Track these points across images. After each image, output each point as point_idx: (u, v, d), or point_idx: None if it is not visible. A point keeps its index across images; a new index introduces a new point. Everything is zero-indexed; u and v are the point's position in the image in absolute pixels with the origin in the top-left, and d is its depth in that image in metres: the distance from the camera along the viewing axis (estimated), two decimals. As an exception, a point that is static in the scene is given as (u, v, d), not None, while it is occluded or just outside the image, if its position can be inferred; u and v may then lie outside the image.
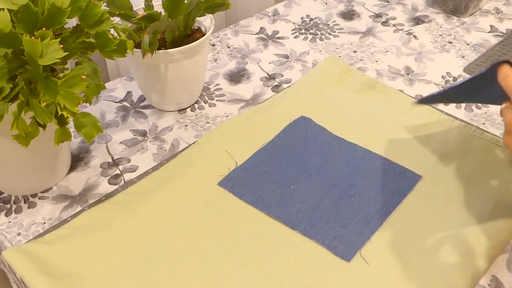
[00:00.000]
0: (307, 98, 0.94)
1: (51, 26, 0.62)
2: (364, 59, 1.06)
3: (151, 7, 0.86)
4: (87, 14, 0.65)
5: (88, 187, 0.80)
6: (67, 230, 0.72)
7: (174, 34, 0.83)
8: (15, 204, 0.78)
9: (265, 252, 0.69)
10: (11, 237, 0.73)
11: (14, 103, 0.62)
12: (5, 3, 0.59)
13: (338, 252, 0.68)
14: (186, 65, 0.86)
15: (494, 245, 0.69)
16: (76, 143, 0.88)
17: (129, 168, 0.83)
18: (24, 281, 0.66)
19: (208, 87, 0.99)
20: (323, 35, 1.14)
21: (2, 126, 0.62)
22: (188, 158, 0.83)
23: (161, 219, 0.74)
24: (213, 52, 1.09)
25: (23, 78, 0.62)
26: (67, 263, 0.68)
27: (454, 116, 0.90)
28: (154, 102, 0.94)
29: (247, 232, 0.72)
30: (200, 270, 0.67)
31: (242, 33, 1.15)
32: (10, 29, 0.58)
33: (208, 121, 0.92)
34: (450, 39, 1.12)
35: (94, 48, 0.67)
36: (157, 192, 0.77)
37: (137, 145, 0.87)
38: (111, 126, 0.91)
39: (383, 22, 1.18)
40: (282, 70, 1.03)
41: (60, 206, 0.77)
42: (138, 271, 0.67)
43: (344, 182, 0.77)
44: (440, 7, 1.21)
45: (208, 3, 0.85)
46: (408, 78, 1.01)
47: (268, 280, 0.66)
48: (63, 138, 0.67)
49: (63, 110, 0.62)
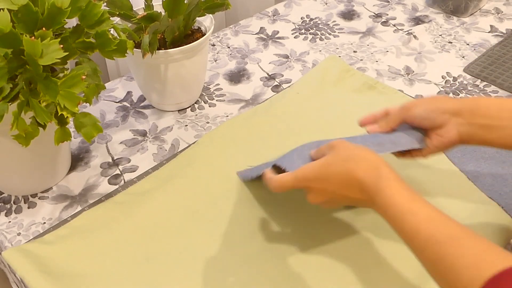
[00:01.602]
0: (307, 98, 0.94)
1: (51, 26, 0.62)
2: (364, 59, 1.06)
3: (151, 7, 0.86)
4: (87, 14, 0.65)
5: (88, 187, 0.80)
6: (67, 230, 0.72)
7: (174, 34, 0.83)
8: (15, 204, 0.78)
9: (265, 252, 0.69)
10: (11, 237, 0.73)
11: (14, 103, 0.62)
12: (5, 3, 0.59)
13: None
14: (186, 65, 0.86)
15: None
16: (76, 143, 0.88)
17: (129, 168, 0.83)
18: (24, 281, 0.66)
19: (208, 87, 0.99)
20: (323, 35, 1.14)
21: (2, 126, 0.62)
22: (188, 158, 0.83)
23: (161, 219, 0.74)
24: (213, 52, 1.09)
25: (23, 78, 0.62)
26: (67, 263, 0.68)
27: (454, 116, 0.90)
28: (154, 102, 0.94)
29: (247, 232, 0.72)
30: (200, 269, 0.67)
31: (242, 33, 1.15)
32: (10, 29, 0.58)
33: (208, 121, 0.92)
34: (450, 39, 1.12)
35: (94, 48, 0.67)
36: (157, 192, 0.77)
37: (137, 145, 0.87)
38: (111, 126, 0.91)
39: (383, 22, 1.18)
40: (282, 70, 1.03)
41: (60, 206, 0.77)
42: (138, 271, 0.67)
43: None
44: (440, 7, 1.21)
45: (208, 3, 0.85)
46: (408, 78, 1.01)
47: (268, 279, 0.66)
48: (63, 138, 0.67)
49: (63, 110, 0.62)
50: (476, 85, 0.98)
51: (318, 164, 0.59)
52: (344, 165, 0.57)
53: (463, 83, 0.99)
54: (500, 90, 0.97)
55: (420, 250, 0.52)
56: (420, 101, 0.66)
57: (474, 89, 0.97)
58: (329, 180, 0.58)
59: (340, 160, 0.58)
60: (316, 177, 0.58)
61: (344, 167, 0.57)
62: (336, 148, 0.60)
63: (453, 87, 0.98)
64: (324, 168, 0.58)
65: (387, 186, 0.54)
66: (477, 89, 0.97)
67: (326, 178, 0.58)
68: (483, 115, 0.61)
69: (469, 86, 0.98)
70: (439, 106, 0.64)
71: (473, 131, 0.62)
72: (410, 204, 0.53)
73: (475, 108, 0.62)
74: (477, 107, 0.62)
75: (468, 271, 0.47)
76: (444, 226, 0.51)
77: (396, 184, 0.55)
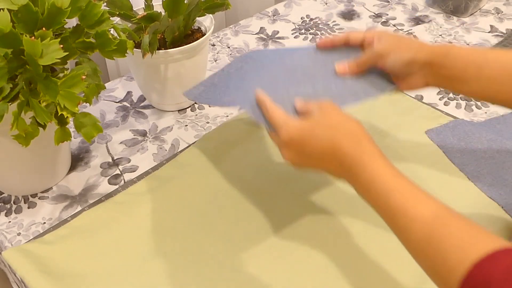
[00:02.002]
0: (307, 98, 0.94)
1: (51, 26, 0.62)
2: (364, 59, 1.06)
3: (151, 7, 0.86)
4: (87, 14, 0.65)
5: (88, 187, 0.80)
6: (67, 230, 0.72)
7: (174, 34, 0.83)
8: (15, 204, 0.78)
9: (265, 251, 0.69)
10: (11, 237, 0.73)
11: (14, 103, 0.62)
12: (5, 3, 0.59)
13: None
14: (186, 65, 0.86)
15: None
16: (76, 143, 0.88)
17: (129, 168, 0.83)
18: (24, 281, 0.66)
19: (208, 87, 0.99)
20: (323, 35, 1.14)
21: (2, 126, 0.62)
22: (188, 158, 0.83)
23: (161, 219, 0.74)
24: (213, 52, 1.09)
25: (23, 78, 0.62)
26: (67, 263, 0.68)
27: (454, 116, 0.90)
28: (154, 102, 0.94)
29: (247, 232, 0.72)
30: (200, 269, 0.67)
31: (242, 33, 1.15)
32: (10, 29, 0.58)
33: (208, 121, 0.92)
34: (450, 39, 1.12)
35: (94, 48, 0.67)
36: (157, 192, 0.77)
37: (137, 145, 0.87)
38: (111, 126, 0.91)
39: (383, 22, 1.18)
40: (282, 70, 1.03)
41: (60, 206, 0.77)
42: (138, 271, 0.67)
43: (305, 69, 0.69)
44: (440, 7, 1.21)
45: (208, 3, 0.85)
46: (408, 78, 1.01)
47: (268, 279, 0.66)
48: (63, 138, 0.67)
49: (63, 110, 0.62)
50: (476, 85, 0.98)
51: (305, 125, 0.58)
52: (330, 132, 0.56)
53: (463, 83, 0.99)
54: (500, 90, 0.97)
55: (405, 229, 0.50)
56: (392, 46, 0.65)
57: (474, 89, 0.97)
58: (311, 144, 0.56)
59: (326, 125, 0.57)
60: (300, 138, 0.57)
61: (329, 135, 0.56)
62: (324, 111, 0.58)
63: (453, 87, 0.98)
64: (309, 131, 0.57)
65: (371, 161, 0.53)
66: (477, 89, 0.97)
67: (309, 141, 0.57)
68: (451, 67, 0.61)
69: (469, 86, 0.98)
70: (412, 57, 0.63)
71: (440, 82, 0.63)
72: (395, 180, 0.52)
73: (444, 59, 0.62)
74: (446, 58, 0.62)
75: (455, 253, 0.46)
76: (430, 206, 0.50)
77: (380, 161, 0.53)
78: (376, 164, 0.53)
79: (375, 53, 0.66)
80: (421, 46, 0.65)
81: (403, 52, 0.64)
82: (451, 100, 0.95)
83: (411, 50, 0.64)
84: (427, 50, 0.64)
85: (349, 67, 0.67)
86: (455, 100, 0.95)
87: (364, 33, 0.68)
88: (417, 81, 0.65)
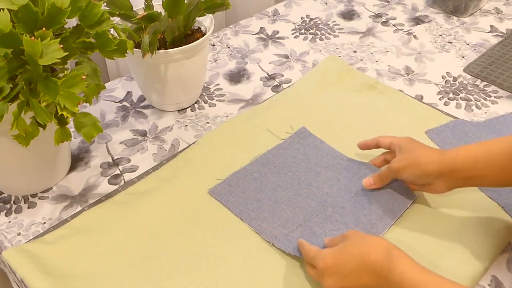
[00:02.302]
0: (307, 98, 0.94)
1: (51, 26, 0.62)
2: (364, 59, 1.06)
3: (151, 7, 0.86)
4: (87, 14, 0.65)
5: (88, 187, 0.80)
6: (67, 230, 0.72)
7: (174, 34, 0.83)
8: (15, 204, 0.78)
9: (265, 251, 0.69)
10: (11, 237, 0.73)
11: (14, 103, 0.62)
12: (5, 3, 0.59)
13: None
14: (186, 65, 0.86)
15: (494, 245, 0.69)
16: (76, 143, 0.88)
17: (129, 168, 0.83)
18: (24, 281, 0.66)
19: (208, 87, 0.99)
20: (323, 35, 1.14)
21: (2, 126, 0.62)
22: (188, 158, 0.83)
23: (161, 219, 0.74)
24: (213, 52, 1.09)
25: (23, 78, 0.62)
26: (67, 263, 0.68)
27: (454, 116, 0.90)
28: (154, 102, 0.94)
29: (247, 232, 0.72)
30: (200, 269, 0.67)
31: (242, 33, 1.15)
32: (10, 29, 0.58)
33: (208, 121, 0.92)
34: (450, 39, 1.12)
35: (94, 48, 0.67)
36: (157, 192, 0.77)
37: (137, 145, 0.87)
38: (111, 126, 0.91)
39: (383, 22, 1.18)
40: (282, 70, 1.03)
41: (60, 206, 0.77)
42: (138, 271, 0.67)
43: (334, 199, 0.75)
44: (440, 7, 1.21)
45: (208, 3, 0.85)
46: (408, 78, 1.01)
47: (268, 278, 0.66)
48: (63, 138, 0.67)
49: (63, 110, 0.62)
50: (476, 85, 0.98)
51: (335, 250, 0.63)
52: (359, 249, 0.61)
53: (463, 83, 0.99)
54: (500, 90, 0.97)
55: None
56: (407, 162, 0.71)
57: (474, 89, 0.97)
58: (344, 264, 0.61)
59: (354, 245, 0.62)
60: (334, 262, 0.62)
61: (358, 251, 0.61)
62: (350, 237, 0.64)
63: (453, 87, 0.98)
64: (340, 254, 0.62)
65: (399, 264, 0.58)
66: (477, 89, 0.97)
67: (342, 262, 0.61)
68: (462, 170, 0.67)
69: (469, 86, 0.98)
70: (423, 171, 0.69)
71: (459, 184, 0.69)
72: (421, 275, 0.57)
73: (453, 167, 0.67)
74: (455, 165, 0.67)
75: None
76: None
77: (407, 261, 0.59)
78: (404, 265, 0.58)
79: (391, 169, 0.73)
80: (430, 159, 0.69)
81: (415, 168, 0.70)
82: (451, 100, 0.95)
83: (421, 166, 0.69)
84: (435, 161, 0.68)
85: (373, 181, 0.75)
86: (455, 100, 0.95)
87: (390, 140, 0.76)
88: (439, 187, 0.70)
